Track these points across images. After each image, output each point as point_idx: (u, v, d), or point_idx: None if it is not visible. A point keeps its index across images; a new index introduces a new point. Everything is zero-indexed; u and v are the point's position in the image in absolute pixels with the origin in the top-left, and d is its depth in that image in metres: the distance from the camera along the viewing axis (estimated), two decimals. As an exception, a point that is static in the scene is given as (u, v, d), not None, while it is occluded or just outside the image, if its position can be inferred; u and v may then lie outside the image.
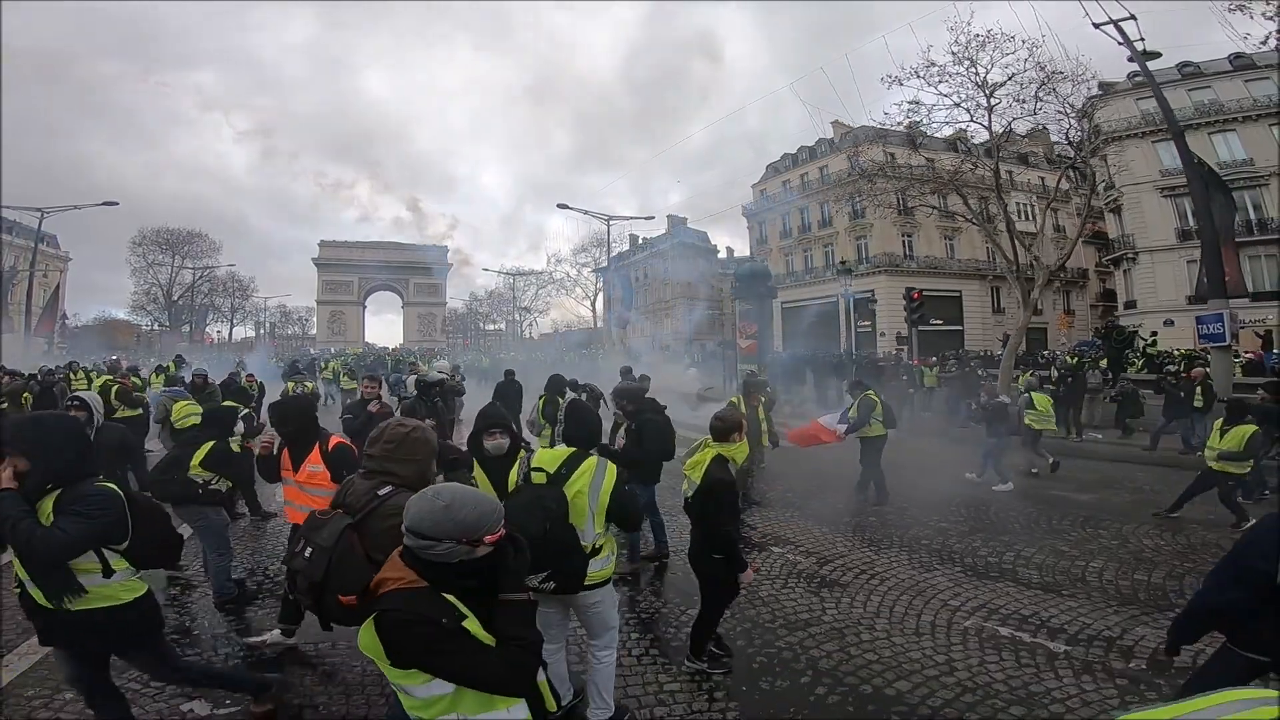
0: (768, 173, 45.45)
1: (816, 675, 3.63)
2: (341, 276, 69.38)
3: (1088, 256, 38.10)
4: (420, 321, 70.71)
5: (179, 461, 4.41)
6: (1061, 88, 13.37)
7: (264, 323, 59.52)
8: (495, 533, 1.64)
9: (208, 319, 51.01)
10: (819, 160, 40.29)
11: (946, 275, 36.16)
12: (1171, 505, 6.78)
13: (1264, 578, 2.18)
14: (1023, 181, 34.49)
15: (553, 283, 51.13)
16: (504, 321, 60.90)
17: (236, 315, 54.54)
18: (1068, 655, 3.82)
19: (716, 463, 3.44)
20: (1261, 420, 6.76)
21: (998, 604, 4.58)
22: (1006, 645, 3.96)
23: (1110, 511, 7.16)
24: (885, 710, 3.30)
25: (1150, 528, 6.49)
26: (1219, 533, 6.18)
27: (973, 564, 5.44)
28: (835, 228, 38.30)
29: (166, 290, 45.13)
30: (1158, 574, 5.15)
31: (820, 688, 3.50)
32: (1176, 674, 3.47)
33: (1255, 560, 2.24)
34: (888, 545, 5.91)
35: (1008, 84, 13.23)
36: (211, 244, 47.87)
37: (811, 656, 3.84)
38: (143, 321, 47.89)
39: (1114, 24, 13.15)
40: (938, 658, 3.82)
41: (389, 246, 72.64)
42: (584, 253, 49.73)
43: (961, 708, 3.32)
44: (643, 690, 3.49)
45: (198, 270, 46.58)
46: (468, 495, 1.67)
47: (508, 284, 55.72)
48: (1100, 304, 39.10)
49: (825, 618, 4.37)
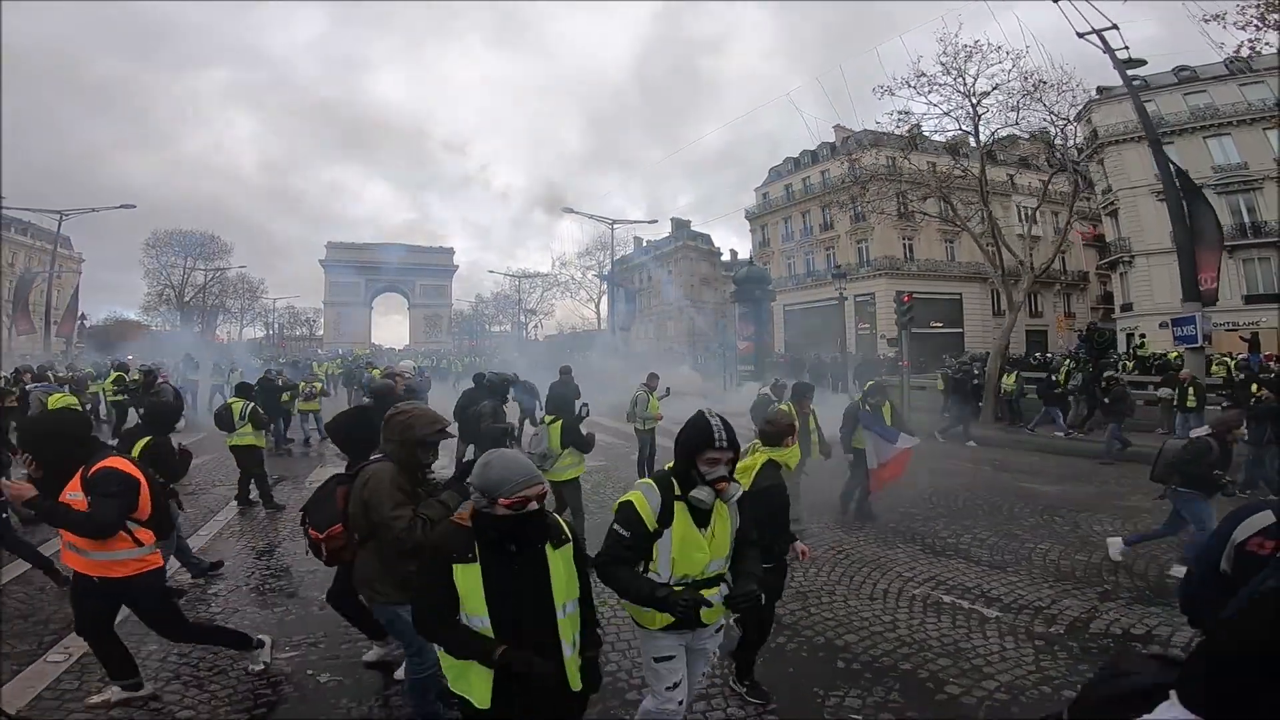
0: (770, 176, 45.94)
1: (779, 629, 4.14)
2: (348, 278, 69.90)
3: (1089, 259, 38.47)
4: (426, 323, 71.43)
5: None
6: (1047, 97, 13.83)
7: (272, 324, 60.42)
8: (509, 499, 1.86)
9: (218, 319, 51.86)
10: (820, 164, 40.75)
11: (947, 278, 36.57)
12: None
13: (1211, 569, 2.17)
14: (1023, 185, 34.87)
15: (558, 285, 51.74)
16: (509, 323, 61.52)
17: (246, 316, 55.51)
18: (997, 620, 4.33)
19: (768, 468, 3.34)
20: (1263, 418, 7.30)
21: (946, 577, 5.11)
22: (946, 610, 4.48)
23: (1071, 502, 7.66)
24: (833, 656, 3.84)
25: (1106, 515, 6.99)
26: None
27: (931, 543, 5.97)
28: (836, 231, 38.77)
29: (179, 291, 45.98)
30: (1097, 555, 5.65)
31: (780, 638, 4.03)
32: (1090, 639, 4.03)
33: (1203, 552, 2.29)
34: (858, 528, 6.45)
35: (993, 93, 13.71)
36: (223, 245, 48.79)
37: (776, 615, 4.37)
38: (153, 322, 48.84)
39: (1096, 33, 13.61)
40: (885, 618, 4.35)
41: (395, 248, 73.51)
42: (588, 256, 50.33)
43: (898, 657, 3.85)
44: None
45: (209, 271, 47.45)
46: (505, 459, 1.94)
47: (514, 286, 56.35)
48: (1101, 306, 39.38)
49: (792, 585, 4.88)
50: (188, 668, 3.60)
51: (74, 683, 3.44)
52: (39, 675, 3.52)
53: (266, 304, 56.81)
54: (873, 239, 36.26)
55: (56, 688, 3.41)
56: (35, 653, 3.76)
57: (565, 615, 1.95)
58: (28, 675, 3.52)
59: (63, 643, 3.83)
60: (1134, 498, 7.70)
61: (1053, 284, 38.83)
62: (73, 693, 3.34)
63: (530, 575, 1.91)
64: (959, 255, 36.91)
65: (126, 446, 4.30)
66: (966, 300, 36.78)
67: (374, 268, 70.84)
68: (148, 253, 45.92)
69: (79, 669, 3.55)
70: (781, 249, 43.28)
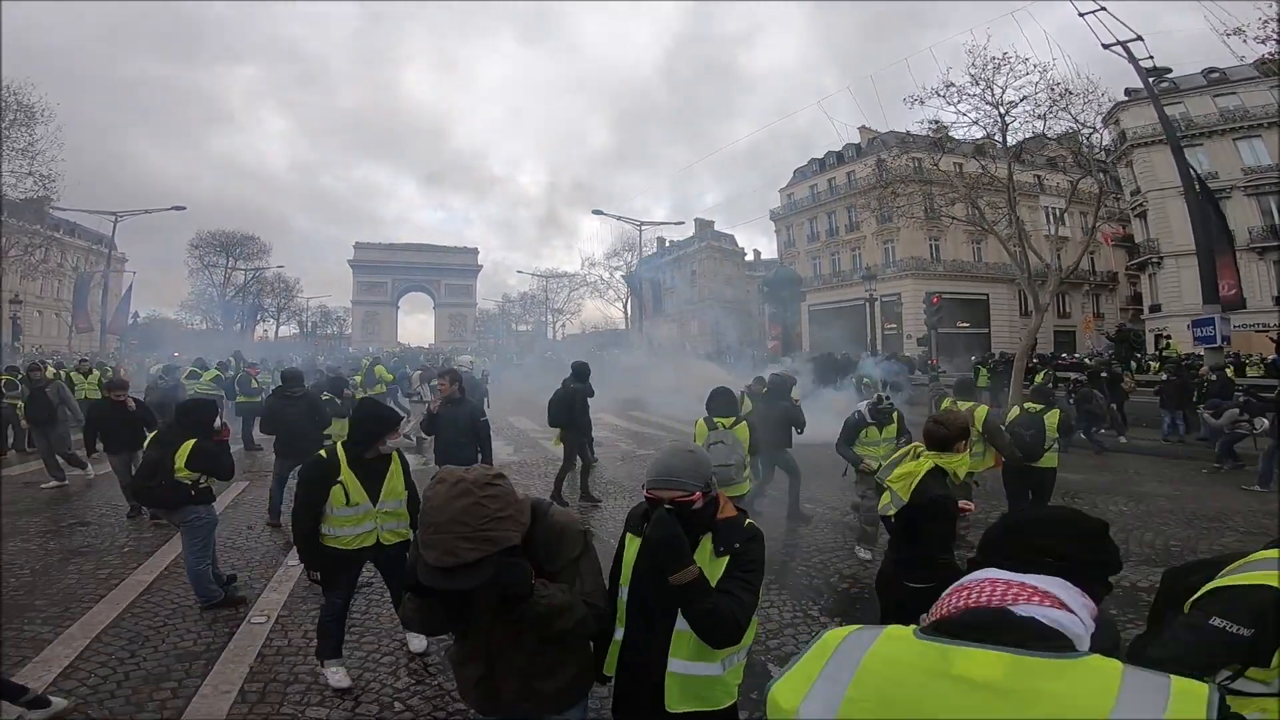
0: (795, 177, 46.38)
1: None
2: (375, 278, 71.88)
3: (1118, 260, 38.36)
4: (451, 322, 72.82)
5: (161, 464, 4.13)
6: (1074, 106, 14.26)
7: (306, 322, 62.22)
8: (649, 492, 1.77)
9: (257, 318, 53.63)
10: (846, 165, 41.11)
11: (973, 279, 36.76)
12: None
13: None
14: (1051, 186, 34.92)
15: (586, 285, 52.63)
16: (533, 323, 62.58)
17: (281, 315, 57.29)
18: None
19: (932, 476, 2.88)
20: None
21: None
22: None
23: (1091, 488, 8.23)
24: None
25: (1122, 498, 7.58)
26: (1175, 503, 7.31)
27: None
28: (862, 232, 39.11)
29: (221, 290, 47.70)
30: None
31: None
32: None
33: None
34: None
35: (1021, 104, 14.19)
36: (262, 246, 50.48)
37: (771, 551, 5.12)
38: (193, 320, 50.63)
39: (1121, 44, 14.06)
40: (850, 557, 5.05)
41: (421, 248, 75.17)
42: (616, 256, 51.16)
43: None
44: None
45: (249, 271, 49.14)
46: (670, 453, 1.83)
47: (541, 285, 57.37)
48: (1130, 307, 39.21)
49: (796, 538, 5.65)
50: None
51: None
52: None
53: (300, 303, 58.66)
54: (899, 240, 36.56)
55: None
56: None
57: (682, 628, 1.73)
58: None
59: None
60: (1148, 484, 8.35)
61: (1081, 285, 38.79)
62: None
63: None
64: (985, 256, 37.05)
65: (168, 455, 4.14)
66: (994, 301, 36.93)
67: (400, 268, 72.63)
68: (191, 253, 47.72)
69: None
70: (807, 249, 43.72)
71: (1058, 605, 0.92)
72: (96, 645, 3.75)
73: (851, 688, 0.89)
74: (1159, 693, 0.76)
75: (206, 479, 4.29)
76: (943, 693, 0.84)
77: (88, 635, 3.85)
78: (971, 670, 0.84)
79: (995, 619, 0.90)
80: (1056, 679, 0.80)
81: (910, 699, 0.85)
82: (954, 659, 0.86)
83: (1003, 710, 0.79)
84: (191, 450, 4.14)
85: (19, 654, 3.60)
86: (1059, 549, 1.03)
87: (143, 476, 4.29)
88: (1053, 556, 1.01)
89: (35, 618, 4.10)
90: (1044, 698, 0.78)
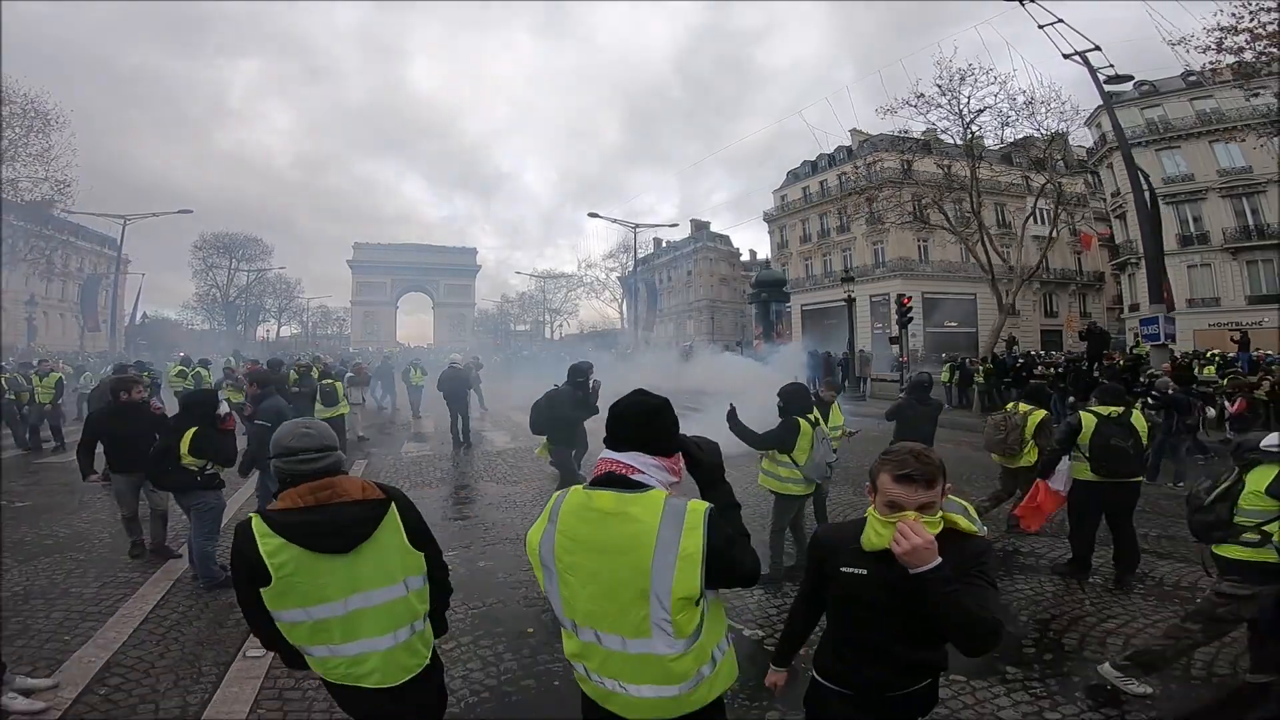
0: (787, 179, 47.09)
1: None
2: (374, 278, 72.09)
3: (1104, 260, 39.03)
4: (450, 322, 73.14)
5: (169, 451, 4.51)
6: (1038, 114, 15.03)
7: (307, 322, 62.97)
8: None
9: (259, 318, 54.43)
10: (838, 167, 41.79)
11: (961, 279, 37.44)
12: None
13: None
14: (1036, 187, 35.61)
15: (583, 285, 53.41)
16: (530, 323, 63.29)
17: (282, 315, 58.05)
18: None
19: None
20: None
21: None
22: (1030, 572, 5.24)
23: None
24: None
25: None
26: (1158, 490, 7.75)
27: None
28: (853, 233, 39.80)
29: (224, 291, 48.48)
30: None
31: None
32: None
33: None
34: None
35: (985, 113, 14.96)
36: (264, 247, 51.28)
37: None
38: (194, 320, 51.39)
39: (1079, 55, 14.78)
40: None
41: (420, 248, 75.36)
42: (612, 258, 51.94)
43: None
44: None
45: (251, 272, 49.93)
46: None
47: (539, 286, 58.11)
48: (1115, 306, 39.88)
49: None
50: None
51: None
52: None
53: (301, 304, 59.39)
54: (888, 241, 37.23)
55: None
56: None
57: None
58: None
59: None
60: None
61: (1068, 285, 39.52)
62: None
63: None
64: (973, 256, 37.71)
65: (174, 442, 4.51)
66: (980, 300, 37.59)
67: (399, 268, 72.79)
68: (195, 254, 48.50)
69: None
70: (799, 250, 44.45)
71: (636, 471, 1.59)
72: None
73: (558, 524, 1.60)
74: (682, 508, 1.51)
75: (213, 466, 4.61)
76: (589, 518, 1.57)
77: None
78: (600, 504, 1.57)
79: (610, 476, 1.60)
80: (634, 505, 1.53)
81: (575, 524, 1.58)
82: (594, 498, 1.58)
83: (614, 524, 1.53)
84: (193, 437, 4.47)
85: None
86: (639, 437, 1.63)
87: (153, 462, 4.64)
88: (637, 443, 1.63)
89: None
90: (630, 515, 1.52)
